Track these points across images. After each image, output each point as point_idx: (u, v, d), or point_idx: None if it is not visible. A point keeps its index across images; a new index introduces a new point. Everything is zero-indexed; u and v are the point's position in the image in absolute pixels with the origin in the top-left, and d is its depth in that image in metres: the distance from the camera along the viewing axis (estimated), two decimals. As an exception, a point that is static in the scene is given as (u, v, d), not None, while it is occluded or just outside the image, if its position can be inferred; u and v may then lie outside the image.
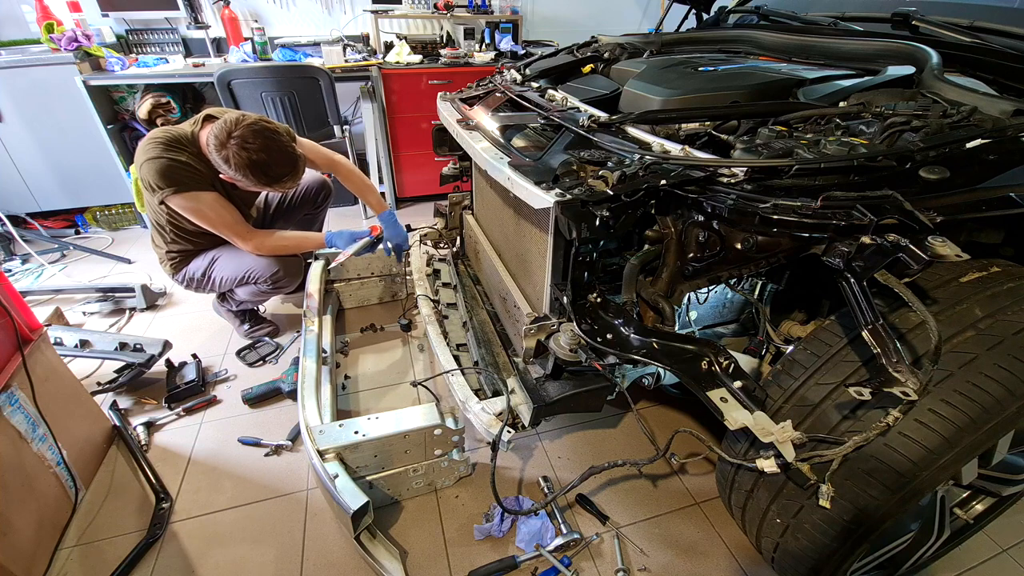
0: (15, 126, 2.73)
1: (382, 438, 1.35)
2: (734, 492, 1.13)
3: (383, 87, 3.06)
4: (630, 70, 1.63)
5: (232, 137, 1.52)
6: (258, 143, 1.53)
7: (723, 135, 1.18)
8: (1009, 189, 0.95)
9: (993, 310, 0.90)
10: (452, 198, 2.10)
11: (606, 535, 1.43)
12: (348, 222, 3.33)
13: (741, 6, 2.17)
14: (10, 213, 2.84)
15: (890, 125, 1.04)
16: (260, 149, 1.53)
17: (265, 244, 1.84)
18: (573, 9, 3.89)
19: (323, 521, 1.46)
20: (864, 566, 1.21)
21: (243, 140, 1.52)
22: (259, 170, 1.56)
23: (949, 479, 0.97)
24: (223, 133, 1.52)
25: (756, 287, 1.36)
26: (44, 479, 1.37)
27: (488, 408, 1.32)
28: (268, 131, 1.56)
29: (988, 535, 1.43)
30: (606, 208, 0.96)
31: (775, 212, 0.89)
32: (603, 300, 1.15)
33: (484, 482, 1.56)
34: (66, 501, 1.45)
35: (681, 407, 1.85)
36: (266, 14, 3.33)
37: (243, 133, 1.52)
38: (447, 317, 1.85)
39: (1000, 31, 1.35)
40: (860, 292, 0.81)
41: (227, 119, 1.54)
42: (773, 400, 1.01)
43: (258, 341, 2.16)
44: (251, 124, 1.54)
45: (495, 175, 1.22)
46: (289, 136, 1.68)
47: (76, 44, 2.63)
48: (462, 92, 1.86)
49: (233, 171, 1.56)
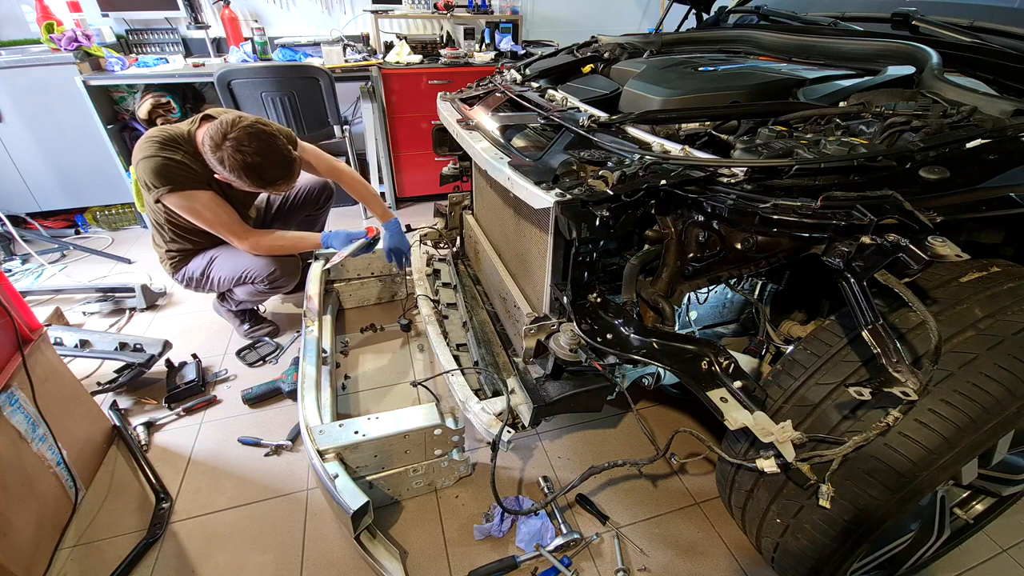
0: (15, 126, 2.73)
1: (382, 438, 1.35)
2: (734, 492, 1.13)
3: (383, 87, 3.06)
4: (630, 70, 1.63)
5: (227, 139, 1.52)
6: (253, 146, 1.53)
7: (723, 135, 1.18)
8: (1009, 189, 0.95)
9: (993, 310, 0.90)
10: (452, 198, 2.09)
11: (606, 535, 1.43)
12: (349, 222, 3.33)
13: (741, 6, 2.17)
14: (10, 213, 2.84)
15: (890, 125, 1.04)
16: (255, 152, 1.53)
17: (261, 244, 1.84)
18: (573, 9, 3.89)
19: (323, 521, 1.46)
20: (864, 566, 1.21)
21: (238, 142, 1.52)
22: (253, 172, 1.56)
23: (949, 479, 0.97)
24: (219, 134, 1.52)
25: (756, 287, 1.36)
26: (44, 479, 1.37)
27: (488, 408, 1.32)
28: (264, 134, 1.56)
29: (988, 535, 1.43)
30: (606, 208, 0.96)
31: (775, 212, 0.89)
32: (603, 300, 1.15)
33: (484, 482, 1.56)
34: (66, 501, 1.45)
35: (681, 407, 1.85)
36: (266, 14, 3.33)
37: (239, 135, 1.52)
38: (447, 317, 1.85)
39: (1000, 31, 1.35)
40: (860, 292, 0.81)
41: (224, 120, 1.54)
42: (773, 400, 1.01)
43: (258, 341, 2.16)
44: (247, 126, 1.54)
45: (495, 175, 1.22)
46: (288, 139, 1.68)
47: (76, 44, 2.63)
48: (462, 92, 1.86)
49: (227, 172, 1.56)
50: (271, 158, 1.57)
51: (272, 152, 1.57)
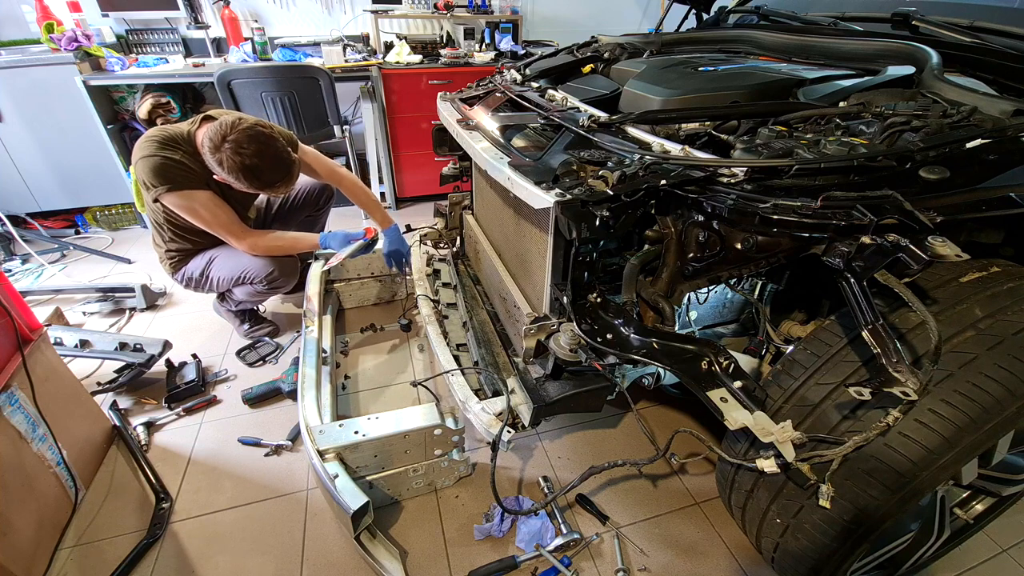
0: (15, 126, 2.73)
1: (382, 438, 1.35)
2: (734, 492, 1.13)
3: (383, 87, 3.06)
4: (630, 70, 1.63)
5: (227, 141, 1.52)
6: (252, 148, 1.53)
7: (723, 135, 1.18)
8: (1009, 189, 0.95)
9: (993, 310, 0.90)
10: (452, 198, 2.09)
11: (606, 535, 1.43)
12: (349, 222, 3.33)
13: (741, 6, 2.17)
14: (10, 213, 2.84)
15: (890, 125, 1.04)
16: (254, 154, 1.53)
17: (259, 244, 1.85)
18: (573, 9, 3.89)
19: (323, 521, 1.46)
20: (864, 566, 1.21)
21: (237, 144, 1.52)
22: (251, 175, 1.56)
23: (949, 479, 0.97)
24: (218, 136, 1.53)
25: (756, 287, 1.36)
26: (44, 479, 1.37)
27: (488, 408, 1.32)
28: (263, 136, 1.56)
29: (988, 535, 1.43)
30: (606, 208, 0.96)
31: (775, 212, 0.89)
32: (603, 300, 1.15)
33: (484, 482, 1.55)
34: (66, 501, 1.45)
35: (681, 407, 1.85)
36: (266, 14, 3.33)
37: (238, 137, 1.52)
38: (447, 317, 1.85)
39: (1000, 31, 1.35)
40: (860, 292, 0.81)
41: (223, 122, 1.55)
42: (773, 400, 1.01)
43: (258, 341, 2.16)
44: (247, 128, 1.54)
45: (495, 175, 1.22)
46: (288, 142, 1.68)
47: (76, 44, 2.63)
48: (462, 92, 1.86)
49: (226, 173, 1.56)
50: (269, 161, 1.57)
51: (271, 155, 1.57)
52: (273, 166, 1.58)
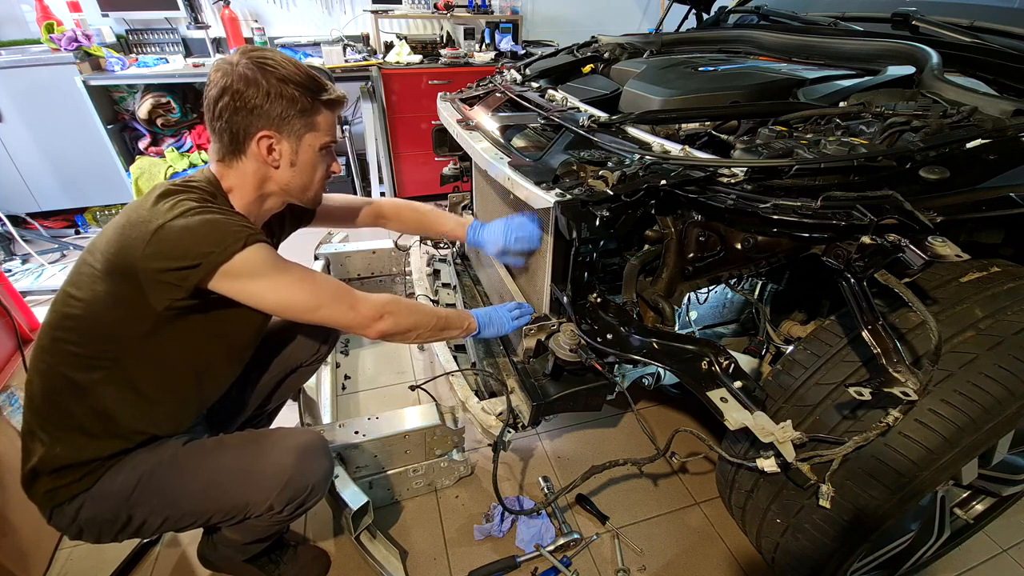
0: (15, 126, 2.73)
1: (382, 438, 1.35)
2: (734, 492, 1.13)
3: (383, 87, 3.06)
4: (630, 70, 1.63)
5: (250, 67, 0.90)
6: (277, 56, 0.94)
7: (723, 135, 1.18)
8: (1009, 189, 0.95)
9: (993, 310, 0.90)
10: (452, 198, 2.09)
11: (606, 535, 1.43)
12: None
13: (741, 6, 2.17)
14: (10, 213, 2.84)
15: (890, 125, 1.04)
16: (287, 60, 0.94)
17: (385, 319, 1.04)
18: (573, 9, 3.89)
19: (323, 521, 1.46)
20: (864, 566, 1.21)
21: (263, 60, 0.92)
22: (315, 82, 0.96)
23: (949, 479, 0.98)
24: (237, 81, 0.90)
25: (756, 287, 1.36)
26: (44, 479, 1.37)
27: (488, 408, 1.32)
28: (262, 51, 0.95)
29: (988, 535, 1.43)
30: (606, 208, 0.96)
31: (775, 212, 0.88)
32: (603, 300, 1.15)
33: (484, 482, 1.55)
34: (66, 501, 1.44)
35: (681, 407, 1.85)
36: (266, 14, 3.33)
37: (247, 62, 0.91)
38: (447, 317, 1.84)
39: (1000, 31, 1.35)
40: (860, 292, 0.81)
41: (212, 79, 0.92)
42: (773, 400, 1.01)
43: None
44: (245, 52, 0.93)
45: (495, 175, 1.22)
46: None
47: (76, 44, 2.63)
48: (462, 92, 1.86)
49: (286, 105, 0.92)
50: (297, 64, 0.96)
51: (288, 59, 0.96)
52: (303, 66, 0.97)
